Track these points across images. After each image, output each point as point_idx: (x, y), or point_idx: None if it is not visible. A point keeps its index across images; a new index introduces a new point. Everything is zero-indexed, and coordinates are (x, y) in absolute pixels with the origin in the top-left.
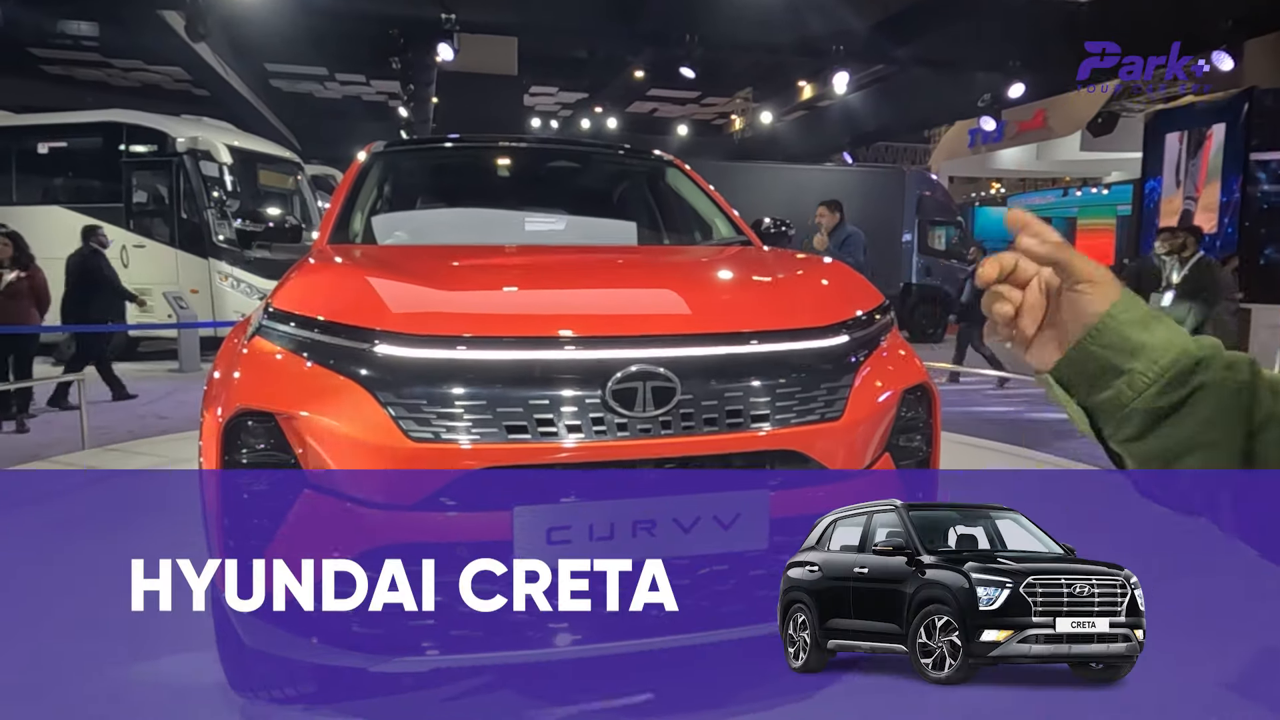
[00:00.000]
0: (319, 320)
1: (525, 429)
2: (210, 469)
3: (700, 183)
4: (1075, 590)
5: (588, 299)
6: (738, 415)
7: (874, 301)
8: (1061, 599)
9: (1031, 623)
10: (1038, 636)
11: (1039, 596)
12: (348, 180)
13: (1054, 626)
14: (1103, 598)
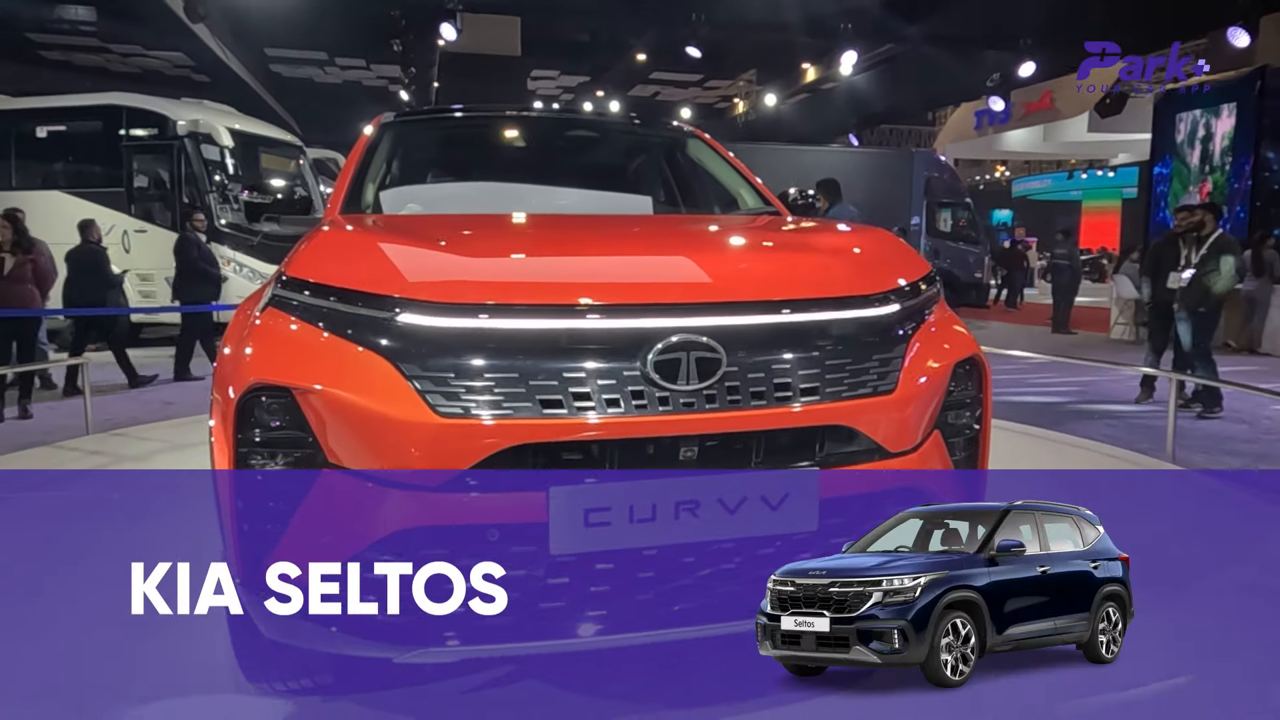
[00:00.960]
0: (338, 289)
1: (561, 403)
2: (222, 449)
3: (724, 154)
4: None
5: (625, 266)
6: (786, 388)
7: (921, 270)
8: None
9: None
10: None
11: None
12: (357, 152)
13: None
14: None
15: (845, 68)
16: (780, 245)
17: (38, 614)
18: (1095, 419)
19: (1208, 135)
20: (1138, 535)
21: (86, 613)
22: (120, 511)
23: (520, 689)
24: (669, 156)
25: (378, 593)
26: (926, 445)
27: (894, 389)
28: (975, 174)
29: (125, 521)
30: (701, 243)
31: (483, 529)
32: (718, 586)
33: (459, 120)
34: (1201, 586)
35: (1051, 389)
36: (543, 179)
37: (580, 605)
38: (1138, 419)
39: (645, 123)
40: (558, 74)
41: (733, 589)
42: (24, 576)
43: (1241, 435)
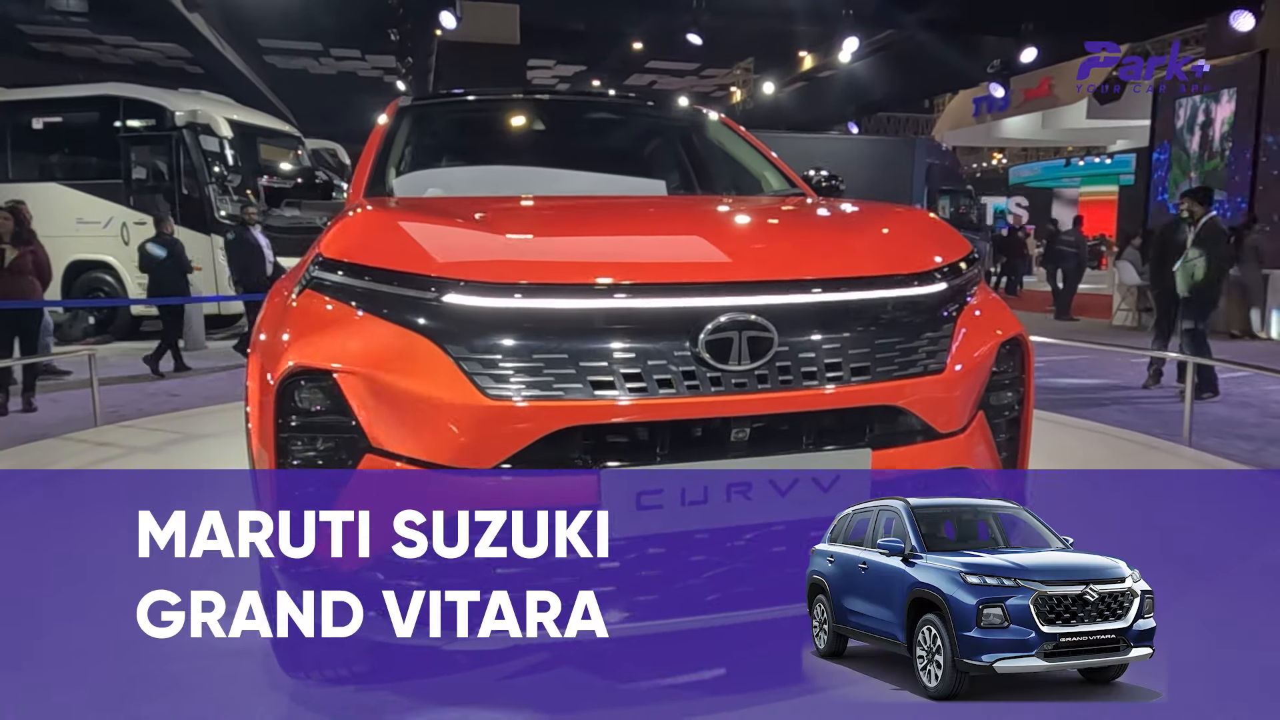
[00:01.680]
0: (380, 269)
1: (612, 384)
2: (262, 435)
3: (745, 135)
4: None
5: (671, 245)
6: (837, 368)
7: (964, 249)
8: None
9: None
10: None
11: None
12: (376, 137)
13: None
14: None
15: (846, 54)
16: (825, 224)
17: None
18: (1105, 405)
19: (1207, 121)
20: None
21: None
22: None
23: (554, 676)
24: (690, 138)
25: (425, 578)
26: (973, 426)
27: (943, 369)
28: (972, 161)
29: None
30: (747, 221)
31: (534, 512)
32: (769, 570)
33: (476, 104)
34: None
35: (1058, 375)
36: (563, 161)
37: (632, 589)
38: (1148, 404)
39: (665, 105)
40: (554, 63)
41: (783, 572)
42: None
43: (1250, 419)
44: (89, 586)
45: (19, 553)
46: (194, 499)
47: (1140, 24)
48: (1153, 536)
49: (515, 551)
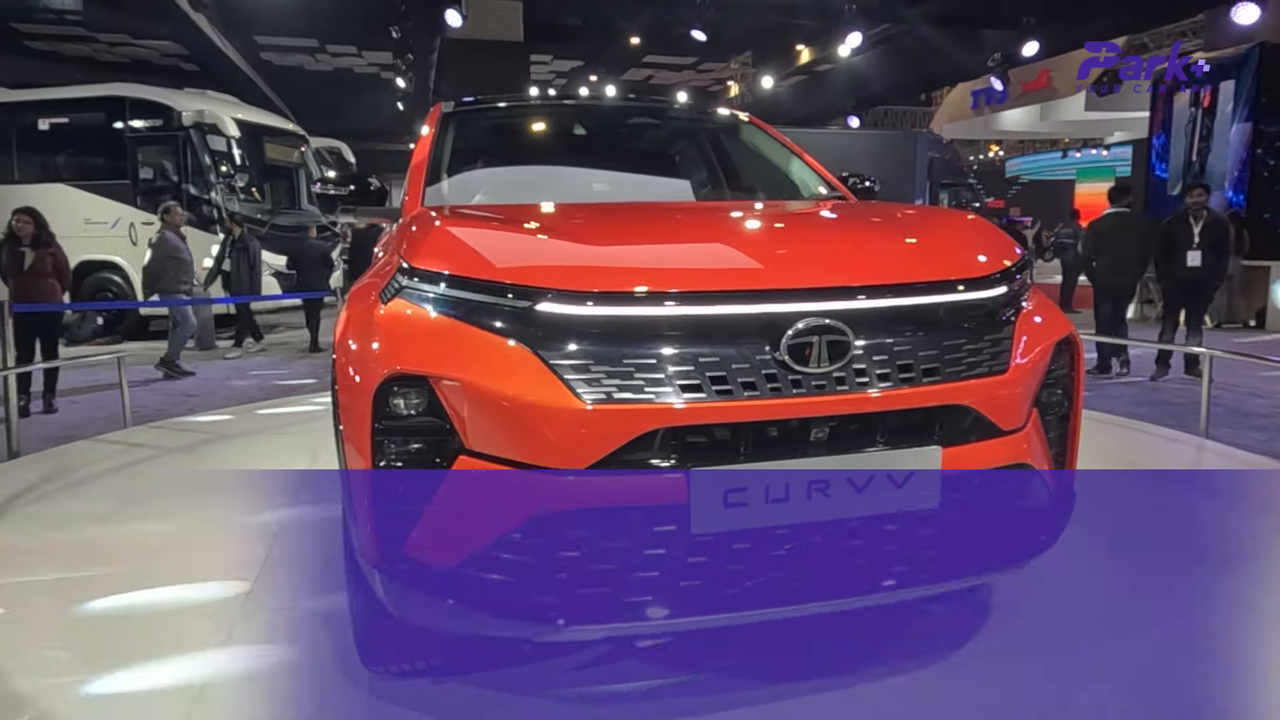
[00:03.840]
0: (471, 279)
1: (700, 388)
2: (358, 438)
3: (780, 138)
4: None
5: (749, 252)
6: (909, 369)
7: (1017, 254)
8: None
9: None
10: None
11: None
12: (425, 144)
13: None
14: None
15: (848, 49)
16: (887, 230)
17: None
18: (1115, 397)
19: (1205, 112)
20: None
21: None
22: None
23: (621, 668)
24: (724, 140)
25: (518, 574)
26: (1032, 422)
27: (1006, 369)
28: (970, 154)
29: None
30: (815, 228)
31: (626, 511)
32: (846, 563)
33: (517, 109)
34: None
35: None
36: (604, 165)
37: (719, 582)
38: (1157, 394)
39: (698, 108)
40: (551, 58)
41: (859, 565)
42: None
43: (1261, 409)
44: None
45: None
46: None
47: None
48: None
49: (606, 549)
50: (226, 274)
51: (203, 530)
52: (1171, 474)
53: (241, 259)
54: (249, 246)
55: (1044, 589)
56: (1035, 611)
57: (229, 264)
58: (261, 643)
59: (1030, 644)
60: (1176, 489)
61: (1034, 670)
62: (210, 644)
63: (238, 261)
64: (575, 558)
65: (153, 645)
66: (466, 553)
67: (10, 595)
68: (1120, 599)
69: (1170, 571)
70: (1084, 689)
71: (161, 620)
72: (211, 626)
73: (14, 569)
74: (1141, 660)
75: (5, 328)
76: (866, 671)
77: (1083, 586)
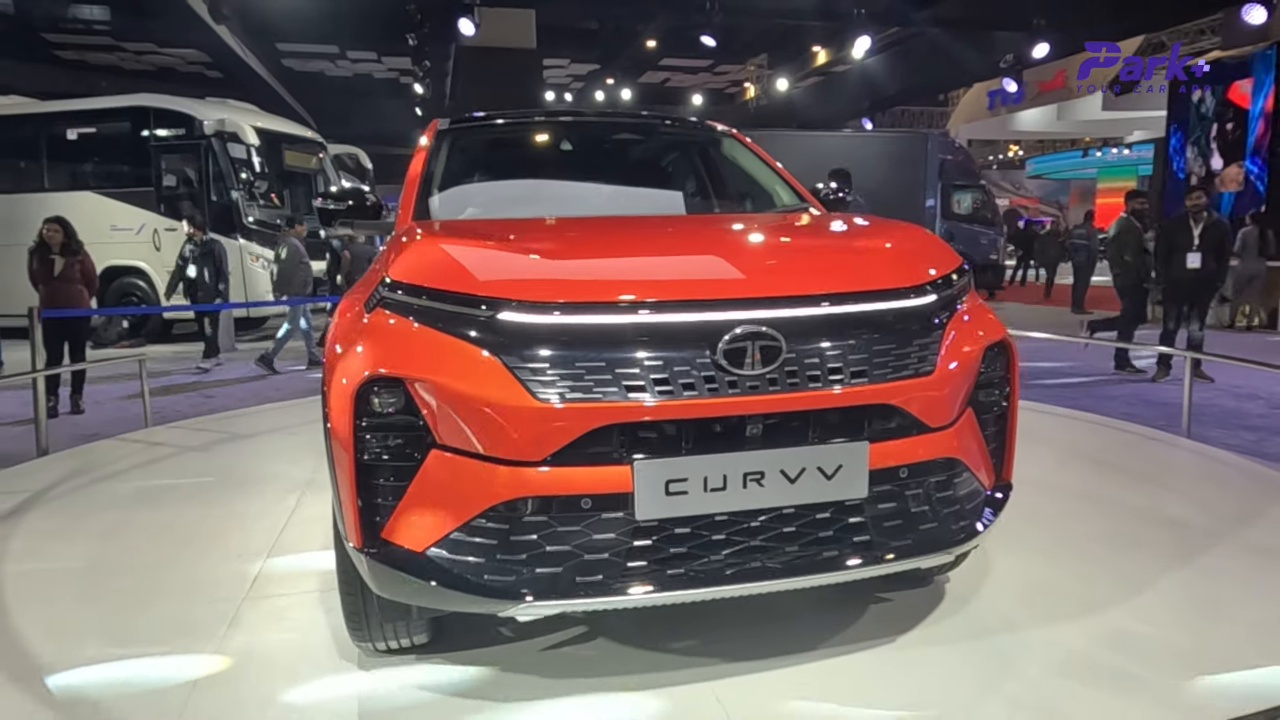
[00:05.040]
0: (442, 290)
1: (643, 388)
2: (342, 434)
3: (758, 151)
4: None
5: (693, 264)
6: (838, 372)
7: (955, 263)
8: None
9: None
10: None
11: None
12: (420, 158)
13: None
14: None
15: (858, 52)
16: (829, 242)
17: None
18: (1114, 398)
19: (1223, 111)
20: None
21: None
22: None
23: (592, 646)
24: (707, 154)
25: (485, 555)
26: (961, 421)
27: (933, 371)
28: (989, 154)
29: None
30: (759, 240)
31: (577, 498)
32: (781, 547)
33: (509, 125)
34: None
35: (1069, 368)
36: (590, 178)
37: (662, 564)
38: (1154, 396)
39: (683, 123)
40: (568, 62)
41: (794, 549)
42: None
43: (1257, 411)
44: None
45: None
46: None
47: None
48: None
49: (560, 532)
50: (191, 281)
51: (211, 523)
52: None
53: (206, 264)
54: (214, 250)
55: (971, 575)
56: (959, 596)
57: (193, 270)
58: (263, 624)
59: (955, 628)
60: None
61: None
62: (214, 629)
63: (202, 267)
64: (533, 540)
65: (163, 627)
66: (438, 537)
67: (37, 578)
68: (1045, 584)
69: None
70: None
71: (172, 603)
72: (219, 612)
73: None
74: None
75: (34, 332)
76: (803, 651)
77: (1007, 573)
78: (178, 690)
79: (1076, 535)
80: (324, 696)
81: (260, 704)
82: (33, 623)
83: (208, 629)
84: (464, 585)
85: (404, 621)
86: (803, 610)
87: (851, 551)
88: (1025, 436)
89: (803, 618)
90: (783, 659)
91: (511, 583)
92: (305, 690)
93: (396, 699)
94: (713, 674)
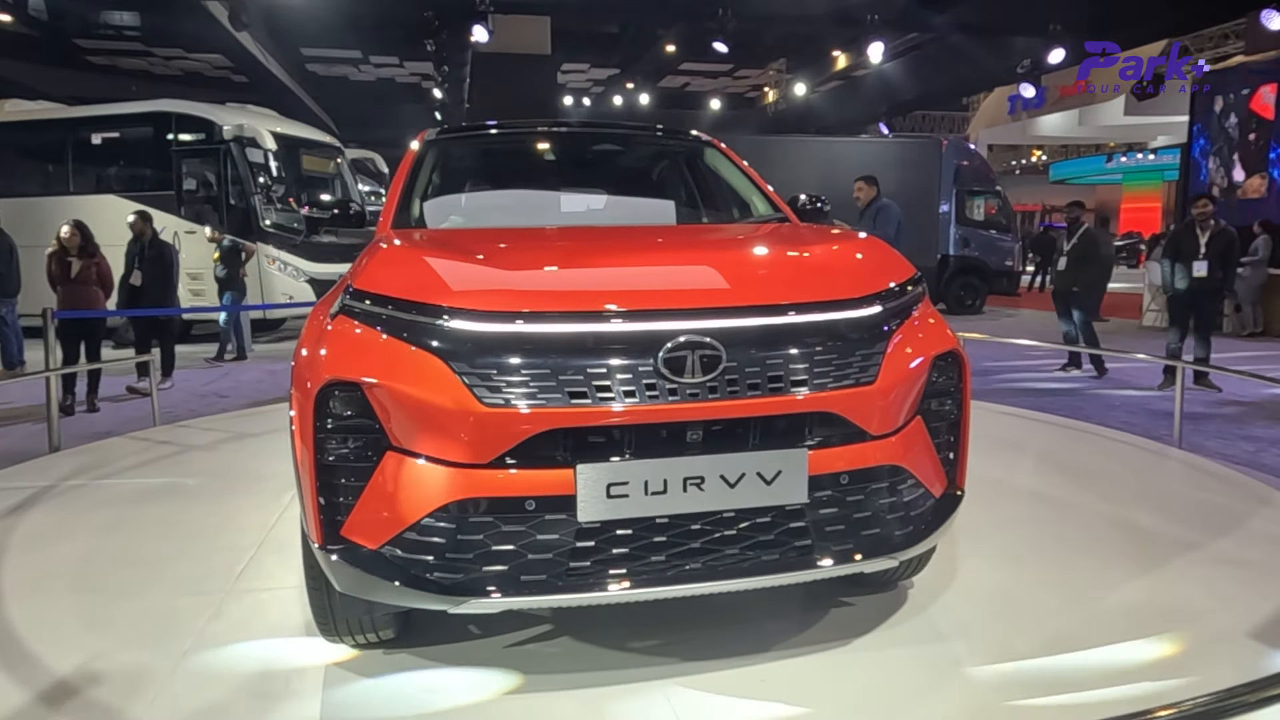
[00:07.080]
0: (398, 299)
1: (586, 394)
2: (303, 435)
3: (738, 162)
4: None
5: (638, 276)
6: (778, 380)
7: (906, 274)
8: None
9: None
10: None
11: None
12: (405, 167)
13: None
14: None
15: (873, 58)
16: (778, 254)
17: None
18: (1115, 406)
19: (1247, 116)
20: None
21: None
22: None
23: (556, 644)
24: (688, 164)
25: (435, 553)
26: (909, 428)
27: (874, 380)
28: (1011, 159)
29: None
30: (707, 253)
31: (522, 500)
32: (722, 549)
33: (494, 135)
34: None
35: (1073, 375)
36: (576, 188)
37: (604, 565)
38: (1158, 405)
39: (666, 133)
40: (588, 67)
41: (734, 552)
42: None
43: (1259, 421)
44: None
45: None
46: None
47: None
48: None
49: (505, 532)
50: (136, 289)
51: (209, 519)
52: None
53: (154, 269)
54: (163, 254)
55: (934, 580)
56: (918, 601)
57: (137, 277)
58: (244, 617)
59: (902, 631)
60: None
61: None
62: (198, 620)
63: (148, 273)
64: (480, 540)
65: (151, 619)
66: (392, 535)
67: (34, 570)
68: (1005, 590)
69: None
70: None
71: (160, 596)
72: (203, 604)
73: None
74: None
75: (48, 332)
76: (759, 652)
77: (970, 578)
78: (156, 679)
79: (1047, 542)
80: (292, 689)
81: (232, 694)
82: (23, 614)
83: (189, 621)
84: (415, 582)
85: (366, 616)
86: (766, 613)
87: (793, 555)
88: (1012, 444)
89: (765, 620)
90: (737, 659)
91: (460, 580)
92: (275, 682)
93: (359, 693)
94: (667, 674)
